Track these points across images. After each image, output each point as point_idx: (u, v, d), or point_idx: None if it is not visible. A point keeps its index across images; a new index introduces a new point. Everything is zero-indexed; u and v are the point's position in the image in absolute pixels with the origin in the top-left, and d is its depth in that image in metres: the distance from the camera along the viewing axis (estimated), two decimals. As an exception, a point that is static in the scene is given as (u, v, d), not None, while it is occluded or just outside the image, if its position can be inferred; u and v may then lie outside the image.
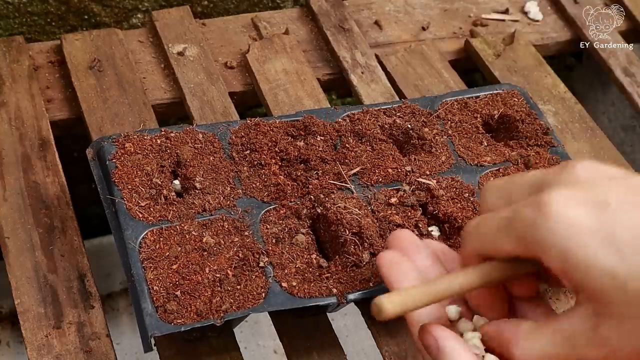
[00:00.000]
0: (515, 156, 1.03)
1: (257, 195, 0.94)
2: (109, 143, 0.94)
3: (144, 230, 0.87)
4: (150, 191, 0.91)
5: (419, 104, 1.07)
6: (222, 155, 0.97)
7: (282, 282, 0.86)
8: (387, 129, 1.03)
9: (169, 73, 1.18)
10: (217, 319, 0.82)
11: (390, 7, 1.34)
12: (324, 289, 0.87)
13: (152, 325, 0.81)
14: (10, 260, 0.93)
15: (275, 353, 1.47)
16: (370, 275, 0.89)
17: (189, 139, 0.97)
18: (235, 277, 0.85)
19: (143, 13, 1.34)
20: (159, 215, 0.89)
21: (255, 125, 1.00)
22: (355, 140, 1.01)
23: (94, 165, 0.94)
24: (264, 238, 0.90)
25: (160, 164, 0.94)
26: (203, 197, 0.92)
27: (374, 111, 1.04)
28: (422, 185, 0.97)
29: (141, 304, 0.82)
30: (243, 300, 0.84)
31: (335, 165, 0.98)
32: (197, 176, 0.93)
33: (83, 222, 1.00)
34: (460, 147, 1.03)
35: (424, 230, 0.93)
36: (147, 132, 0.97)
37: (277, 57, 1.20)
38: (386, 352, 0.92)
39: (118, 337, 1.43)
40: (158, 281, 0.84)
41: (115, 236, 0.88)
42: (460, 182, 0.99)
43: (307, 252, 0.90)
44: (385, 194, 0.96)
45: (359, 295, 0.87)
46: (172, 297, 0.83)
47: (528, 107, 1.09)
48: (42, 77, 1.15)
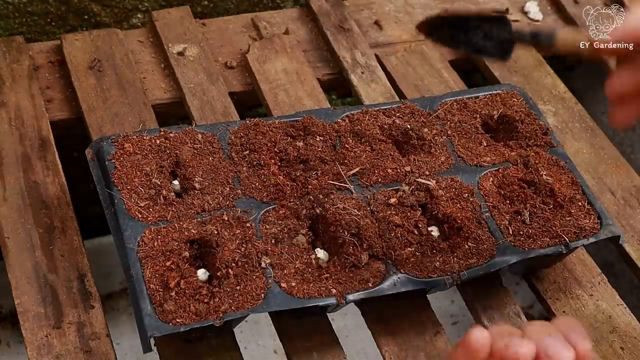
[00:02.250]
0: (515, 156, 1.03)
1: (256, 196, 0.94)
2: (108, 143, 0.94)
3: (143, 231, 0.88)
4: (149, 191, 0.91)
5: (418, 104, 1.07)
6: (221, 155, 0.97)
7: (282, 282, 0.86)
8: (386, 129, 1.03)
9: (169, 73, 1.18)
10: (216, 320, 0.82)
11: (390, 7, 1.34)
12: (323, 290, 0.87)
13: (151, 326, 0.81)
14: (10, 260, 0.93)
15: (275, 353, 1.47)
16: (369, 276, 0.89)
17: (188, 139, 0.97)
18: (236, 277, 0.85)
19: (143, 13, 1.34)
20: (158, 216, 0.89)
21: (254, 125, 1.00)
22: (355, 141, 1.01)
23: (93, 165, 0.94)
24: (264, 238, 0.90)
25: (159, 164, 0.94)
26: (202, 197, 0.92)
27: (373, 112, 1.04)
28: (422, 185, 0.97)
29: (140, 304, 0.82)
30: (242, 300, 0.84)
31: (335, 165, 0.98)
32: (197, 176, 0.93)
33: (83, 222, 1.00)
34: (460, 147, 1.03)
35: (424, 230, 0.93)
36: (147, 132, 0.97)
37: (277, 57, 1.20)
38: (386, 352, 0.92)
39: (118, 337, 1.43)
40: (156, 281, 0.84)
41: (115, 236, 0.89)
42: (460, 183, 0.99)
43: (307, 253, 0.90)
44: (384, 195, 0.96)
45: (358, 296, 0.87)
46: (170, 297, 0.83)
47: (527, 108, 1.09)
48: (42, 77, 1.15)
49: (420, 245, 0.92)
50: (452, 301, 1.56)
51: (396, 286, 0.89)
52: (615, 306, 1.01)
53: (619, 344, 0.97)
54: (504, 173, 1.00)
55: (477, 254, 0.92)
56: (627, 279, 1.39)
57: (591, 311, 1.00)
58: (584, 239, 0.95)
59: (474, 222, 0.94)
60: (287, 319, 0.92)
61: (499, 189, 0.99)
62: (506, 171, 1.01)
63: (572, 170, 1.02)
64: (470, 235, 0.93)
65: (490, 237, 0.94)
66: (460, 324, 1.56)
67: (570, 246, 0.94)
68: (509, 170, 1.01)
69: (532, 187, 0.98)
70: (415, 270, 0.90)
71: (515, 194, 0.98)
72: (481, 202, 0.97)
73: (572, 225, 0.96)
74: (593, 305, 1.00)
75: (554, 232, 0.95)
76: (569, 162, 1.03)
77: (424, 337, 0.94)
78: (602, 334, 0.98)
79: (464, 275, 0.90)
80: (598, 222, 0.97)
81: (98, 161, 0.94)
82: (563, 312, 0.99)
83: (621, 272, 1.40)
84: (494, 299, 0.98)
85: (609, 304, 1.01)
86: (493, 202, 0.97)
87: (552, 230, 0.95)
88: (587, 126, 1.22)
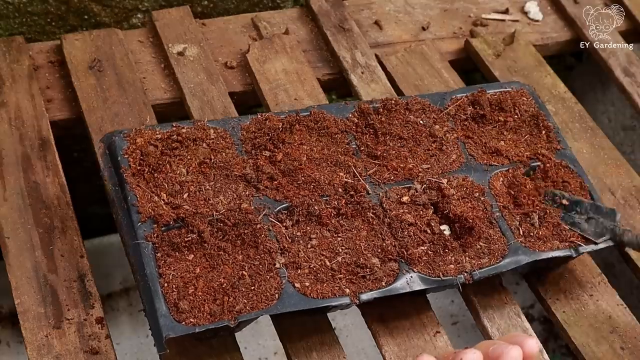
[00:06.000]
0: (524, 157, 1.03)
1: (269, 194, 0.93)
2: (120, 138, 0.92)
3: (158, 229, 0.86)
4: (164, 188, 0.90)
5: (429, 100, 1.06)
6: (234, 151, 0.95)
7: (295, 282, 0.86)
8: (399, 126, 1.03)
9: (169, 73, 1.18)
10: (230, 320, 0.82)
11: (390, 7, 1.34)
12: (336, 289, 0.87)
13: (166, 326, 0.80)
14: (10, 260, 0.93)
15: (275, 354, 1.47)
16: (382, 275, 0.89)
17: (201, 134, 0.95)
18: (251, 277, 0.85)
19: (143, 13, 1.33)
20: (172, 214, 0.88)
21: (265, 120, 0.99)
22: (371, 137, 1.01)
23: (105, 160, 0.91)
24: (278, 237, 0.89)
25: (172, 160, 0.93)
26: (215, 195, 0.91)
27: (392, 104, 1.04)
28: (433, 184, 0.97)
29: (155, 305, 0.81)
30: (257, 300, 0.84)
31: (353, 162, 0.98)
32: (210, 173, 0.92)
33: (83, 222, 0.99)
34: (471, 145, 1.03)
35: (436, 229, 0.93)
36: (159, 127, 0.95)
37: (277, 57, 1.20)
38: (386, 352, 0.92)
39: (118, 337, 1.43)
40: (173, 280, 0.83)
41: (126, 234, 0.87)
42: (471, 182, 0.98)
43: (321, 252, 0.90)
44: (397, 192, 0.96)
45: (371, 295, 0.87)
46: (185, 296, 0.82)
47: (537, 107, 1.08)
48: (42, 77, 1.15)
49: (433, 244, 0.92)
50: (452, 301, 1.56)
51: (409, 285, 0.89)
52: (615, 306, 1.01)
53: (619, 344, 0.97)
54: (514, 173, 1.01)
55: (488, 254, 0.92)
56: (627, 279, 1.39)
57: (591, 311, 1.00)
58: (592, 244, 0.96)
59: (485, 222, 0.94)
60: (287, 319, 0.92)
61: (509, 189, 0.99)
62: (516, 171, 1.01)
63: (580, 174, 1.02)
64: (482, 235, 0.93)
65: (501, 237, 0.94)
66: (460, 324, 1.56)
67: (580, 250, 0.95)
68: (519, 171, 1.01)
69: (541, 190, 0.99)
70: (428, 269, 0.90)
71: (524, 195, 0.98)
72: (492, 202, 0.97)
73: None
74: (593, 306, 1.00)
75: (563, 235, 0.95)
76: (577, 165, 1.03)
77: (424, 337, 0.94)
78: (602, 334, 0.98)
79: (476, 274, 0.90)
80: None
81: (110, 156, 0.91)
82: (563, 312, 0.99)
83: (621, 272, 1.40)
84: (494, 299, 0.98)
85: (609, 304, 1.01)
86: (503, 202, 0.97)
87: (562, 234, 0.95)
88: (587, 126, 1.22)
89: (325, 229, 0.91)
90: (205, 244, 0.86)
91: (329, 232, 0.91)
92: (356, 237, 0.91)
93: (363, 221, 0.93)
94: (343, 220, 0.92)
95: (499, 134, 1.06)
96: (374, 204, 0.94)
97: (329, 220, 0.92)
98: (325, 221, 0.91)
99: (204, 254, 0.86)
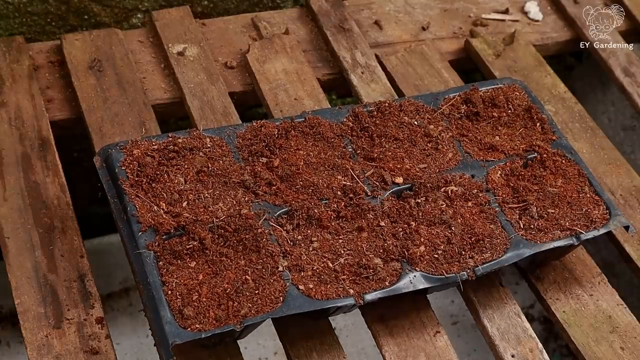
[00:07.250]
0: (520, 150, 1.03)
1: (269, 199, 0.93)
2: (116, 150, 0.93)
3: (159, 238, 0.87)
4: (163, 197, 0.91)
5: (422, 101, 1.07)
6: (231, 158, 0.96)
7: (299, 284, 0.86)
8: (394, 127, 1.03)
9: (169, 73, 1.18)
10: (236, 324, 0.82)
11: (390, 7, 1.34)
12: (340, 290, 0.87)
13: (172, 333, 0.80)
14: (10, 260, 0.93)
15: (275, 354, 1.47)
16: (385, 275, 0.89)
17: (197, 143, 0.96)
18: (254, 281, 0.85)
19: (143, 13, 1.33)
20: (173, 222, 0.88)
21: (261, 127, 0.99)
22: (366, 139, 1.01)
23: (103, 172, 0.92)
24: (279, 241, 0.90)
25: (169, 170, 0.93)
26: (215, 202, 0.92)
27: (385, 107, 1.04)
28: (433, 183, 0.97)
29: (160, 312, 0.81)
30: (261, 304, 0.84)
31: (350, 164, 0.98)
32: (209, 181, 0.93)
33: (83, 222, 1.00)
34: (466, 142, 1.03)
35: (437, 227, 0.94)
36: (155, 138, 0.96)
37: (277, 57, 1.20)
38: (386, 352, 0.92)
39: (118, 337, 1.43)
40: (176, 287, 0.83)
41: (128, 244, 0.87)
42: (468, 179, 0.99)
43: (323, 254, 0.90)
44: (396, 193, 0.96)
45: (376, 296, 0.87)
46: (189, 302, 0.82)
47: (530, 101, 1.09)
48: (42, 77, 1.15)
49: (435, 242, 0.92)
50: (452, 301, 1.56)
51: (412, 284, 0.89)
52: (615, 306, 1.01)
53: (619, 344, 0.97)
54: (511, 167, 1.01)
55: (490, 249, 0.92)
56: (627, 279, 1.39)
57: (591, 311, 1.00)
58: (594, 230, 0.96)
59: (485, 217, 0.95)
60: (287, 320, 0.91)
61: (507, 182, 1.00)
62: (513, 165, 1.01)
63: (577, 162, 1.02)
64: (483, 231, 0.93)
65: (502, 231, 0.94)
66: (460, 324, 1.56)
67: (582, 238, 0.95)
68: (515, 164, 1.01)
69: (539, 181, 0.99)
70: (430, 267, 0.90)
71: (522, 187, 0.98)
72: (490, 197, 0.97)
73: (582, 217, 0.96)
74: (593, 305, 1.00)
75: (564, 224, 0.95)
76: (574, 153, 1.04)
77: (424, 337, 0.94)
78: (602, 334, 0.98)
79: (479, 270, 0.91)
80: (607, 212, 0.97)
81: (107, 169, 0.92)
82: (563, 312, 0.99)
83: (621, 272, 1.40)
84: (494, 299, 0.98)
85: (609, 304, 1.01)
86: (502, 195, 0.98)
87: (562, 223, 0.96)
88: (587, 126, 1.22)
89: (326, 231, 0.91)
90: (207, 251, 0.86)
91: (329, 234, 0.91)
92: (357, 238, 0.91)
93: (363, 222, 0.93)
94: (343, 223, 0.93)
95: (494, 130, 1.06)
96: (374, 205, 0.94)
97: (329, 222, 0.92)
98: (326, 224, 0.92)
99: (206, 260, 0.86)
